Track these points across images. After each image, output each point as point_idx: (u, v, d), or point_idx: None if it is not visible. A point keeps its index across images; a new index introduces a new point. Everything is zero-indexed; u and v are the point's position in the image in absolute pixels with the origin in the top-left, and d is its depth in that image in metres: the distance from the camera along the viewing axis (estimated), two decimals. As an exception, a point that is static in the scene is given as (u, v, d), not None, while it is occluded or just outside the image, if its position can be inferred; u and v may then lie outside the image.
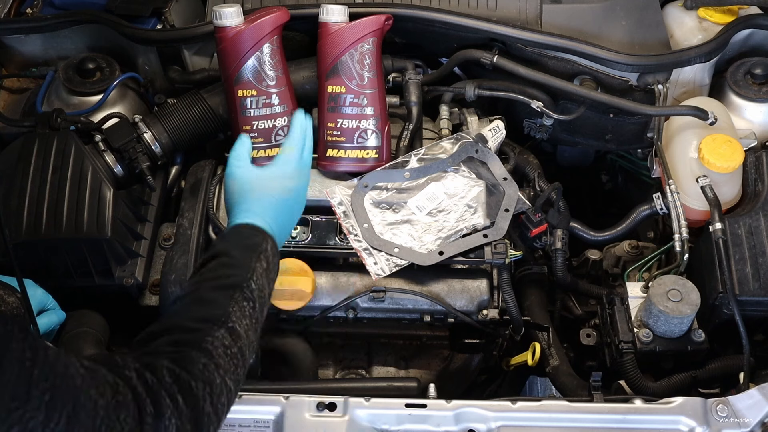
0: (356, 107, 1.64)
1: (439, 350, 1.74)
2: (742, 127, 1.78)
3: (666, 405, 1.35)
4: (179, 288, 1.56)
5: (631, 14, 1.88)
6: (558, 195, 1.70)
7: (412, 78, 1.77)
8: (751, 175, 1.68)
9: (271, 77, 1.63)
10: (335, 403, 1.35)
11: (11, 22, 1.95)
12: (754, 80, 1.82)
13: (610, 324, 1.59)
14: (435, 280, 1.59)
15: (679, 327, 1.51)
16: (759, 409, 1.34)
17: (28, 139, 1.62)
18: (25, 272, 1.33)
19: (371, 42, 1.62)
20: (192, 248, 1.61)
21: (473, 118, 1.80)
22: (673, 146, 1.73)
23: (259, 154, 1.67)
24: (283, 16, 1.63)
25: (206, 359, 0.99)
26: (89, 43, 1.94)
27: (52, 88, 1.85)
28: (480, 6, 1.85)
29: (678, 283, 1.52)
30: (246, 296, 1.10)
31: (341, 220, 1.60)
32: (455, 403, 1.36)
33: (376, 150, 1.68)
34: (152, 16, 1.92)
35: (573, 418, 1.35)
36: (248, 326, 1.09)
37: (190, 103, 1.74)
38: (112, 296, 1.63)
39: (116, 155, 1.66)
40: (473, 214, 1.60)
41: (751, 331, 1.51)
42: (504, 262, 1.57)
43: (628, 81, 1.82)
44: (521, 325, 1.62)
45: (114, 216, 1.57)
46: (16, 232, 1.53)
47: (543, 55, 1.81)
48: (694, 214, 1.66)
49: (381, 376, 1.69)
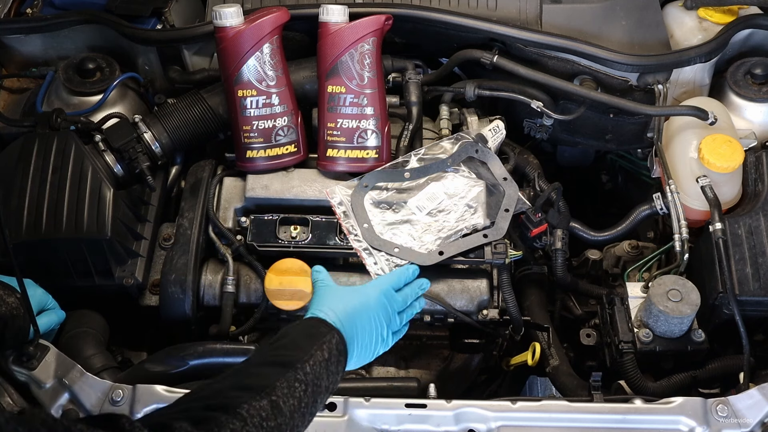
0: (356, 107, 1.64)
1: (439, 350, 1.74)
2: (742, 127, 1.78)
3: (666, 405, 1.35)
4: (179, 288, 1.56)
5: (631, 14, 1.88)
6: (558, 195, 1.70)
7: (412, 78, 1.77)
8: (751, 175, 1.68)
9: (271, 77, 1.63)
10: (335, 403, 1.35)
11: (11, 22, 1.95)
12: (754, 80, 1.82)
13: (610, 324, 1.59)
14: (435, 280, 1.59)
15: (679, 327, 1.51)
16: (759, 409, 1.34)
17: (28, 139, 1.62)
18: (25, 272, 1.33)
19: (371, 42, 1.62)
20: (192, 248, 1.61)
21: (473, 118, 1.80)
22: (673, 146, 1.73)
23: (258, 154, 1.67)
24: (283, 16, 1.63)
25: (238, 424, 0.92)
26: (89, 43, 1.94)
27: (52, 88, 1.85)
28: (480, 6, 1.85)
29: (678, 283, 1.52)
30: (299, 377, 1.05)
31: (341, 220, 1.60)
32: (455, 403, 1.36)
33: (376, 150, 1.68)
34: (152, 16, 1.92)
35: (573, 418, 1.35)
36: (294, 407, 1.02)
37: (190, 103, 1.74)
38: (112, 296, 1.63)
39: (116, 155, 1.66)
40: (473, 214, 1.60)
41: (751, 331, 1.51)
42: (504, 262, 1.57)
43: (628, 81, 1.82)
44: (521, 325, 1.62)
45: (114, 216, 1.57)
46: (16, 232, 1.53)
47: (543, 55, 1.81)
48: (694, 214, 1.66)
49: (381, 376, 1.69)
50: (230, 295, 1.59)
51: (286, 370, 1.05)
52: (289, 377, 1.04)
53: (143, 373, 1.46)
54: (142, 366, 1.49)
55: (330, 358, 1.15)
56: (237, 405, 0.94)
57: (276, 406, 0.99)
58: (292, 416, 1.01)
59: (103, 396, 1.36)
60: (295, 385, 1.04)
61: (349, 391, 1.43)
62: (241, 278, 1.62)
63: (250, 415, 0.94)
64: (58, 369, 1.39)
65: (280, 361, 1.07)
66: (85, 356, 1.49)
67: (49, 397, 1.37)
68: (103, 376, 1.44)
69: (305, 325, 1.20)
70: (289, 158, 1.69)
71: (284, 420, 0.99)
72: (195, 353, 1.47)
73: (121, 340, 1.69)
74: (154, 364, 1.48)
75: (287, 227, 1.60)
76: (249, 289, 1.61)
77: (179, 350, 1.48)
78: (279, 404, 0.99)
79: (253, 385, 1.00)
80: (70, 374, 1.38)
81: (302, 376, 1.06)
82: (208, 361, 1.47)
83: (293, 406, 1.02)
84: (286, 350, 1.11)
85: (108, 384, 1.38)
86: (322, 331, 1.18)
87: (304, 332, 1.17)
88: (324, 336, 1.17)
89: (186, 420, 0.89)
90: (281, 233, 1.60)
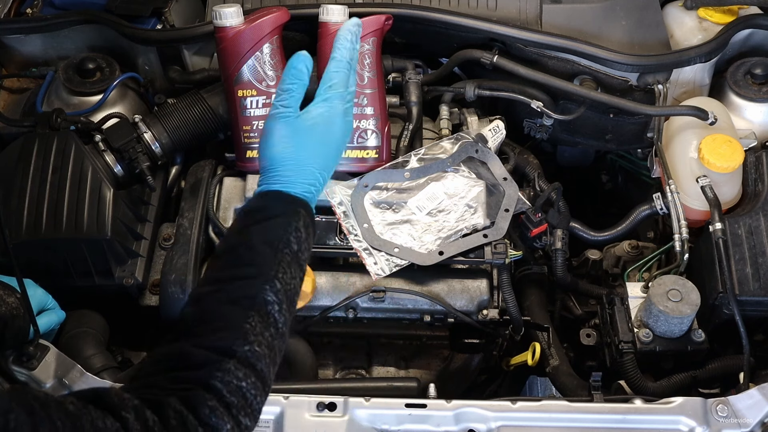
0: (356, 107, 1.64)
1: (439, 350, 1.74)
2: (742, 127, 1.77)
3: (666, 405, 1.35)
4: (179, 288, 1.56)
5: (631, 14, 1.88)
6: (558, 195, 1.70)
7: (412, 78, 1.77)
8: (751, 175, 1.68)
9: (271, 77, 1.63)
10: (335, 403, 1.35)
11: (11, 22, 1.95)
12: (754, 80, 1.82)
13: (610, 324, 1.59)
14: (435, 280, 1.59)
15: (679, 327, 1.51)
16: (759, 409, 1.34)
17: (28, 139, 1.62)
18: (25, 272, 1.34)
19: (371, 42, 1.62)
20: (192, 248, 1.61)
21: (473, 118, 1.80)
22: (673, 146, 1.73)
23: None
24: (283, 16, 1.63)
25: (214, 400, 0.89)
26: (89, 43, 1.94)
27: (52, 88, 1.85)
28: (480, 6, 1.85)
29: (678, 283, 1.52)
30: (268, 311, 0.97)
31: (341, 220, 1.60)
32: (455, 403, 1.36)
33: (376, 150, 1.68)
34: (152, 16, 1.92)
35: (573, 418, 1.35)
36: (272, 337, 0.96)
37: (190, 103, 1.74)
38: (112, 296, 1.63)
39: (116, 155, 1.66)
40: (473, 214, 1.60)
41: (751, 331, 1.51)
42: (504, 262, 1.57)
43: (628, 81, 1.82)
44: (521, 325, 1.62)
45: (114, 216, 1.57)
46: (16, 232, 1.53)
47: (543, 55, 1.81)
48: (694, 214, 1.66)
49: (381, 376, 1.69)
50: (230, 295, 1.59)
51: (253, 305, 0.96)
52: (255, 316, 0.96)
53: (143, 373, 1.46)
54: (142, 366, 1.49)
55: (300, 247, 1.03)
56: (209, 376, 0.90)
57: (246, 360, 0.93)
58: (272, 351, 0.96)
59: (103, 396, 1.36)
60: (267, 320, 0.96)
61: (349, 391, 1.43)
62: (241, 278, 1.62)
63: (224, 383, 0.91)
64: (58, 369, 1.39)
65: (243, 295, 0.97)
66: (85, 356, 1.49)
67: (49, 397, 1.37)
68: (103, 376, 1.44)
69: (266, 211, 1.04)
70: (289, 158, 1.69)
71: (262, 364, 0.95)
72: (195, 353, 1.47)
73: (121, 340, 1.69)
74: (153, 364, 1.48)
75: (287, 227, 1.60)
76: (249, 289, 1.61)
77: (179, 350, 1.48)
78: (251, 354, 0.94)
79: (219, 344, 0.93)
80: (70, 374, 1.38)
81: (273, 296, 0.98)
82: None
83: (270, 337, 0.96)
84: (247, 268, 0.99)
85: (108, 384, 1.38)
86: (287, 221, 1.03)
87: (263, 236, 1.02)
88: (289, 226, 1.03)
89: (172, 394, 0.87)
90: (281, 233, 1.60)
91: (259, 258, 1.01)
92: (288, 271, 1.02)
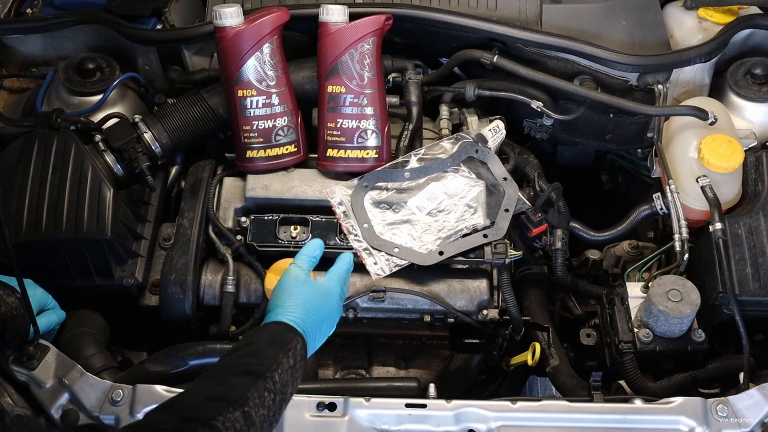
0: (356, 107, 1.64)
1: (439, 350, 1.74)
2: (742, 127, 1.78)
3: (666, 405, 1.35)
4: (179, 288, 1.56)
5: (631, 14, 1.88)
6: (558, 195, 1.70)
7: (412, 78, 1.77)
8: (751, 175, 1.68)
9: (271, 77, 1.63)
10: (335, 403, 1.35)
11: (11, 22, 1.95)
12: (754, 80, 1.82)
13: (610, 324, 1.59)
14: (435, 280, 1.59)
15: (679, 327, 1.51)
16: (759, 409, 1.34)
17: (28, 139, 1.62)
18: (25, 272, 1.33)
19: (371, 42, 1.62)
20: (192, 248, 1.61)
21: (473, 118, 1.80)
22: (673, 146, 1.73)
23: (258, 154, 1.67)
24: (283, 16, 1.63)
25: None
26: (89, 43, 1.94)
27: (52, 88, 1.85)
28: (480, 6, 1.85)
29: (678, 283, 1.52)
30: (268, 387, 1.09)
31: (341, 220, 1.60)
32: (455, 403, 1.36)
33: (376, 150, 1.68)
34: (152, 16, 1.92)
35: (573, 418, 1.35)
36: (264, 417, 1.07)
37: (190, 103, 1.74)
38: (112, 296, 1.63)
39: (116, 155, 1.66)
40: (473, 214, 1.60)
41: (751, 331, 1.51)
42: (504, 262, 1.57)
43: (628, 81, 1.82)
44: (521, 325, 1.62)
45: (114, 216, 1.57)
46: (16, 232, 1.53)
47: (543, 55, 1.81)
48: (694, 214, 1.66)
49: (381, 376, 1.69)
50: (230, 295, 1.59)
51: (257, 379, 1.09)
52: (259, 387, 1.08)
53: (143, 373, 1.47)
54: (142, 366, 1.49)
55: (295, 364, 1.17)
56: (213, 417, 0.99)
57: (248, 416, 1.04)
58: (262, 425, 1.06)
59: (103, 396, 1.36)
60: (264, 395, 1.08)
61: (349, 391, 1.43)
62: (241, 278, 1.62)
63: (225, 427, 0.99)
64: (58, 369, 1.39)
65: (251, 370, 1.10)
66: (85, 356, 1.49)
67: (49, 397, 1.37)
68: (103, 376, 1.44)
69: (272, 331, 1.22)
70: (289, 158, 1.70)
71: (255, 429, 1.05)
72: (195, 353, 1.48)
73: (121, 340, 1.69)
74: (154, 364, 1.48)
75: (287, 227, 1.60)
76: (249, 289, 1.61)
77: (179, 350, 1.49)
78: (251, 414, 1.04)
79: (227, 396, 1.04)
80: (70, 374, 1.38)
81: (271, 385, 1.10)
82: (208, 361, 1.47)
83: (263, 415, 1.07)
84: (255, 358, 1.13)
85: (108, 384, 1.38)
86: (287, 338, 1.19)
87: (271, 339, 1.19)
88: (290, 343, 1.18)
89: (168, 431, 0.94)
90: (281, 233, 1.60)
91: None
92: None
